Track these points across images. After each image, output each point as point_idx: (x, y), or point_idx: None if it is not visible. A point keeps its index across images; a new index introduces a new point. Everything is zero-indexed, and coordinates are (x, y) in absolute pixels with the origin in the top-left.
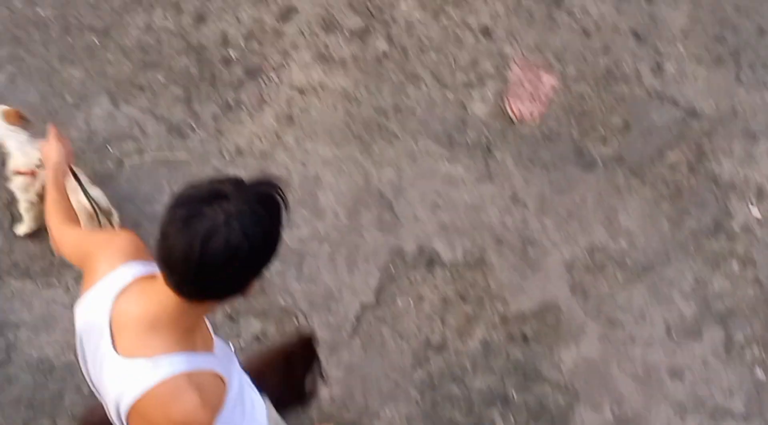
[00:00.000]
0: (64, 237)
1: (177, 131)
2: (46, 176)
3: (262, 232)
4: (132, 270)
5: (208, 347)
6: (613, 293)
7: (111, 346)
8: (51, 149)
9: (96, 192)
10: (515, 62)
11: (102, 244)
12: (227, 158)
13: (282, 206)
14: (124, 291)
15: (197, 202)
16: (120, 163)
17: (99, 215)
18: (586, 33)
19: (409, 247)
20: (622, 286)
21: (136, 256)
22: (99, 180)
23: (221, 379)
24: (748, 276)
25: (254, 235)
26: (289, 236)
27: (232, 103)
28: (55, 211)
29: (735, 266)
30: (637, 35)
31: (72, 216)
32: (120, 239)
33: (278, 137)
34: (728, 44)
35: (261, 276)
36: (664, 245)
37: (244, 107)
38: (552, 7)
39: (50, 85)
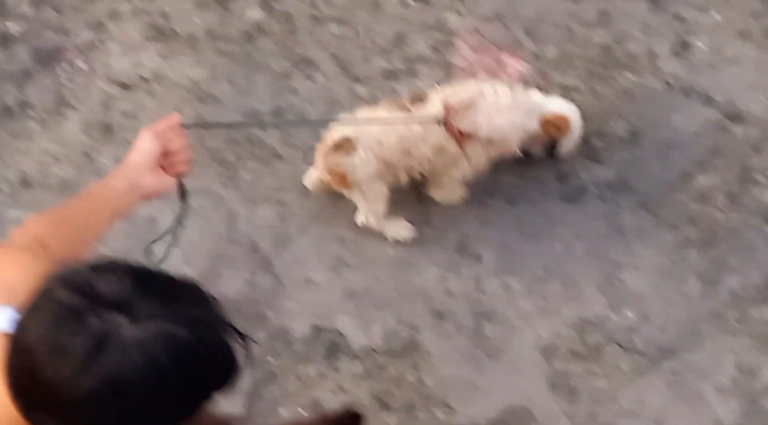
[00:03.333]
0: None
1: None
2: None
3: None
4: (3, 320)
5: None
6: (614, 390)
7: None
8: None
9: None
10: (463, 39)
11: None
12: (6, 190)
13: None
14: None
15: (81, 305)
16: None
17: None
18: None
19: (299, 327)
20: (629, 379)
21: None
22: None
23: None
24: None
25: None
26: None
27: (13, 106)
28: (65, 218)
29: None
30: None
31: (61, 243)
32: (18, 270)
33: (89, 157)
34: None
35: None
36: (692, 316)
37: (32, 112)
38: None
39: None
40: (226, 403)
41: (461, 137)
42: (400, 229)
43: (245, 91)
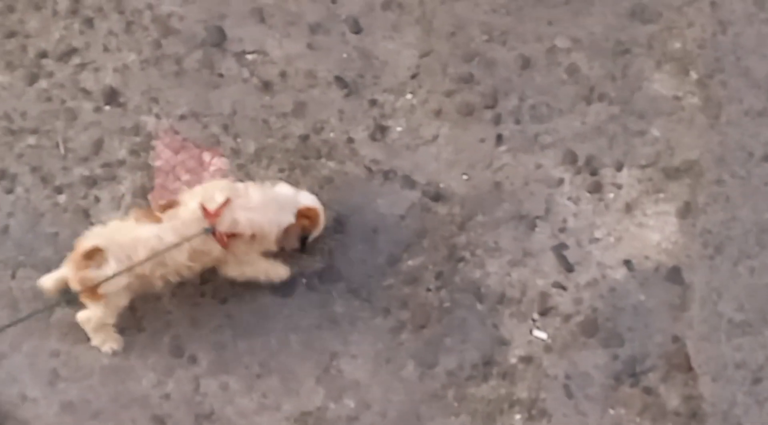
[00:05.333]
0: None
1: None
2: None
3: None
4: None
5: None
6: None
7: None
8: None
9: None
10: (161, 140)
11: None
12: None
13: None
14: None
15: None
16: None
17: None
18: (266, 86)
19: None
20: None
21: None
22: None
23: None
24: None
25: None
26: None
27: None
28: None
29: (518, 419)
30: (343, 83)
31: None
32: None
33: None
34: (480, 86)
35: None
36: (411, 399)
37: None
38: (211, 51)
39: None
40: None
41: (225, 239)
42: (109, 340)
43: None
